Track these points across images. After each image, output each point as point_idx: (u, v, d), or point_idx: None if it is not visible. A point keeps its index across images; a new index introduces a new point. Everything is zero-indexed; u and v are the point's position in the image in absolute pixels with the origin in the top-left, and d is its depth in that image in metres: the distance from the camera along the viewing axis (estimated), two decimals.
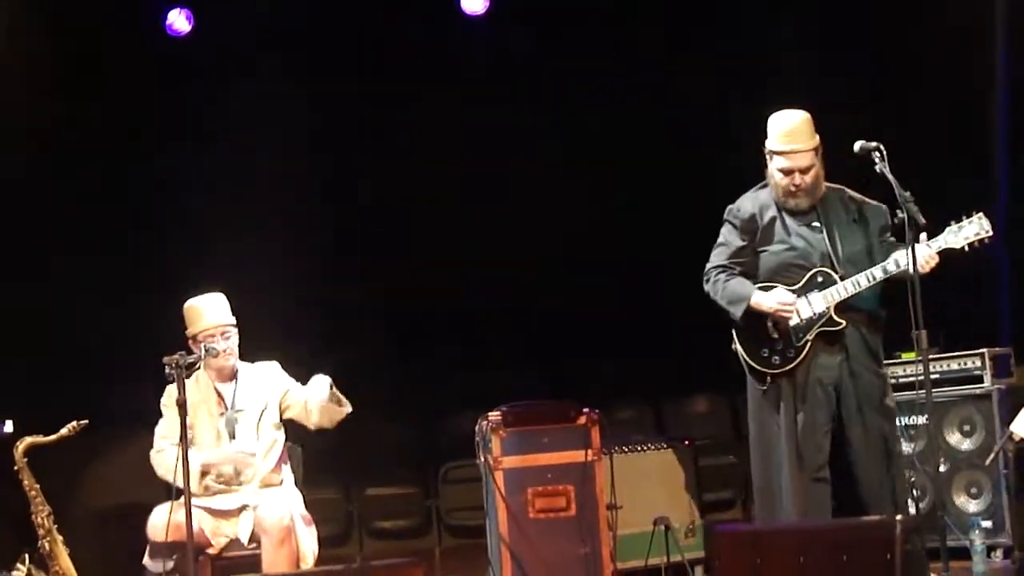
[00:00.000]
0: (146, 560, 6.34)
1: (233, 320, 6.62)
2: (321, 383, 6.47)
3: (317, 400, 6.46)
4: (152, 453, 6.55)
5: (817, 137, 6.22)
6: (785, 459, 6.12)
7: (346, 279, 10.58)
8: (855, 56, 9.72)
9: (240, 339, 6.66)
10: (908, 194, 5.97)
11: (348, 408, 6.60)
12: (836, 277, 6.15)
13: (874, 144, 6.05)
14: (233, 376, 6.64)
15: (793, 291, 6.20)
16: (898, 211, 6.00)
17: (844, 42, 9.80)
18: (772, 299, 6.19)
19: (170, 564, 6.20)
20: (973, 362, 7.82)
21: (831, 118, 6.40)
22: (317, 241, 10.40)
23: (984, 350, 7.81)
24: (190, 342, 6.50)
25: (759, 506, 6.33)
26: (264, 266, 9.23)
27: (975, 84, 9.40)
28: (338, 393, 6.52)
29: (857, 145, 6.08)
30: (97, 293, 9.29)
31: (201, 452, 6.38)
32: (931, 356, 6.14)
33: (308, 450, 6.90)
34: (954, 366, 7.86)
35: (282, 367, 6.78)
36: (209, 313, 6.57)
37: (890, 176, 5.99)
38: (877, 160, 6.02)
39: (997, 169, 9.35)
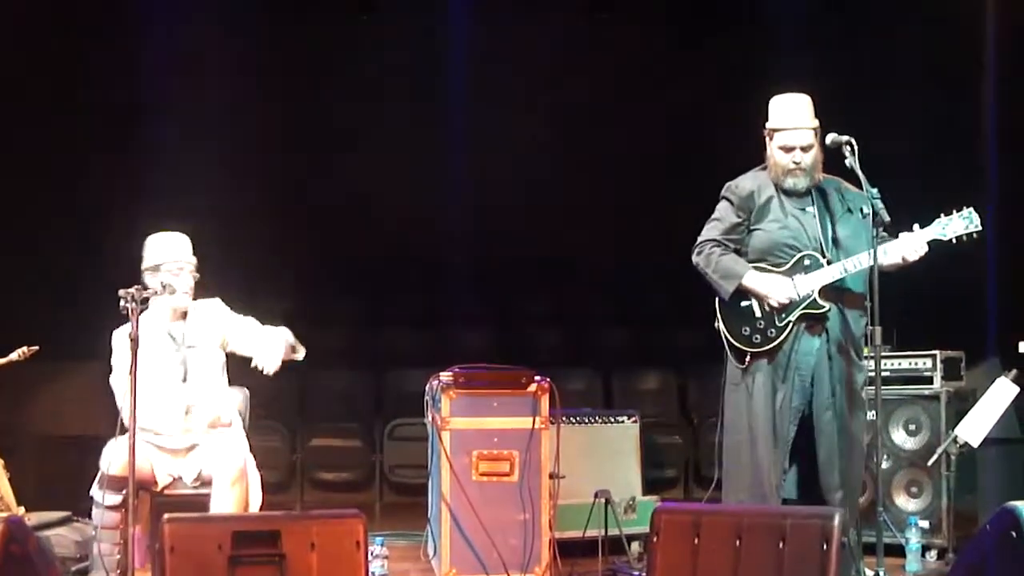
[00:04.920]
0: (95, 490, 6.31)
1: (193, 259, 6.57)
2: (279, 339, 6.46)
3: (271, 352, 6.44)
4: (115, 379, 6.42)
5: (817, 121, 6.24)
6: (760, 435, 6.13)
7: (303, 229, 10.54)
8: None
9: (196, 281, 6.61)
10: (875, 190, 5.99)
11: (301, 355, 6.60)
12: (823, 261, 6.16)
13: (845, 138, 6.06)
14: (184, 315, 6.60)
15: (780, 272, 6.21)
16: (863, 207, 6.04)
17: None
18: (770, 287, 6.18)
19: (118, 498, 6.17)
20: (924, 363, 7.88)
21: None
22: (277, 188, 10.34)
23: (936, 351, 7.86)
24: (145, 275, 6.44)
25: (728, 484, 6.31)
26: (219, 209, 9.17)
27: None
28: (295, 342, 6.51)
29: (829, 138, 6.11)
30: (52, 220, 9.20)
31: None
32: (883, 354, 6.15)
33: (254, 396, 6.87)
34: (905, 365, 7.92)
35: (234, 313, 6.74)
36: (170, 247, 6.52)
37: (859, 171, 6.01)
38: (847, 154, 6.04)
39: (987, 170, 9.38)
